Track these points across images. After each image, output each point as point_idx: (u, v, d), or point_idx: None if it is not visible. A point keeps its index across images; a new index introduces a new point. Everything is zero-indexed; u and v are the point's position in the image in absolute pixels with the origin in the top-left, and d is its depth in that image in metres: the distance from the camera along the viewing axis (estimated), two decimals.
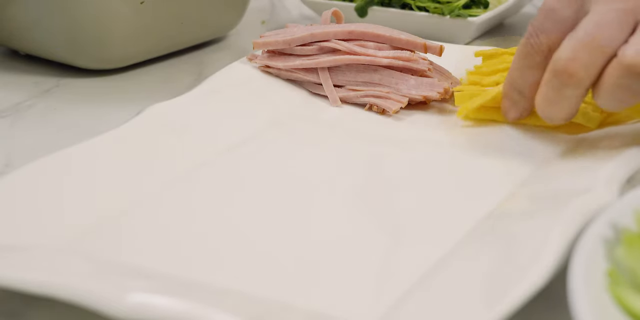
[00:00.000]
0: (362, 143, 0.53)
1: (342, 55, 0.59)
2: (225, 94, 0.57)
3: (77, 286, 0.34)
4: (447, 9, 0.75)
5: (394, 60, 0.58)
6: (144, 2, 0.65)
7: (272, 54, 0.61)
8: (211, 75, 0.59)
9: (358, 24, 0.61)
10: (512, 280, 0.33)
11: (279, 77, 0.61)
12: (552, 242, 0.36)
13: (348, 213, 0.44)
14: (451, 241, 0.40)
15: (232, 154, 0.51)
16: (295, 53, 0.60)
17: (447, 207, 0.44)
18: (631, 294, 0.31)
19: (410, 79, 0.58)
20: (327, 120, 0.57)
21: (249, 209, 0.44)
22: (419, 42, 0.59)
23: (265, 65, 0.61)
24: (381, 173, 0.49)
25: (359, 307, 0.35)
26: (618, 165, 0.44)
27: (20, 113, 0.60)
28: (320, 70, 0.59)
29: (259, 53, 0.62)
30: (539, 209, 0.41)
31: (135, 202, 0.44)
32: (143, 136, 0.50)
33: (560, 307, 0.37)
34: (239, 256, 0.40)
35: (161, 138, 0.50)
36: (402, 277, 0.37)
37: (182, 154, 0.50)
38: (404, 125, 0.56)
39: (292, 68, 0.60)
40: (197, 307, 0.33)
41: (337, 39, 0.59)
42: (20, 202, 0.42)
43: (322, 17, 0.62)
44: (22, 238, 0.39)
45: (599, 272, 0.32)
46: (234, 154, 0.51)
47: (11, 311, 0.37)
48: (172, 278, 0.37)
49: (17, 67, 0.69)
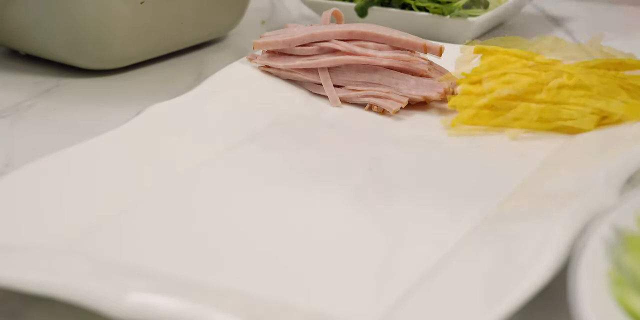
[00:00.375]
0: (362, 143, 0.53)
1: (342, 56, 0.59)
2: (225, 94, 0.57)
3: (77, 286, 0.34)
4: (447, 9, 0.75)
5: (393, 61, 0.58)
6: (144, 2, 0.65)
7: (272, 54, 0.61)
8: (211, 75, 0.59)
9: (358, 24, 0.61)
10: (512, 280, 0.33)
11: (279, 77, 0.61)
12: (552, 242, 0.36)
13: (348, 213, 0.44)
14: (451, 241, 0.40)
15: (232, 154, 0.51)
16: (295, 53, 0.60)
17: (447, 207, 0.44)
18: (633, 295, 0.31)
19: (410, 79, 0.58)
20: (327, 120, 0.57)
21: (249, 208, 0.44)
22: (418, 43, 0.59)
23: (265, 66, 0.61)
24: (381, 173, 0.49)
25: (359, 307, 0.35)
26: (618, 165, 0.44)
27: (20, 113, 0.60)
28: (320, 70, 0.59)
29: (259, 53, 0.62)
30: (539, 209, 0.41)
31: (135, 202, 0.44)
32: (143, 136, 0.50)
33: (560, 307, 0.37)
34: (239, 256, 0.40)
35: (161, 138, 0.50)
36: (402, 277, 0.37)
37: (182, 154, 0.50)
38: (404, 125, 0.56)
39: (292, 68, 0.60)
40: (197, 307, 0.33)
41: (337, 39, 0.59)
42: (20, 202, 0.42)
43: (322, 17, 0.62)
44: (22, 238, 0.39)
45: (601, 273, 0.32)
46: (234, 154, 0.51)
47: (11, 311, 0.37)
48: (172, 278, 0.37)
49: (17, 67, 0.69)
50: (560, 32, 0.83)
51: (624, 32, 0.84)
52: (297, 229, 0.42)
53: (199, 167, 0.49)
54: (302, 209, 0.44)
